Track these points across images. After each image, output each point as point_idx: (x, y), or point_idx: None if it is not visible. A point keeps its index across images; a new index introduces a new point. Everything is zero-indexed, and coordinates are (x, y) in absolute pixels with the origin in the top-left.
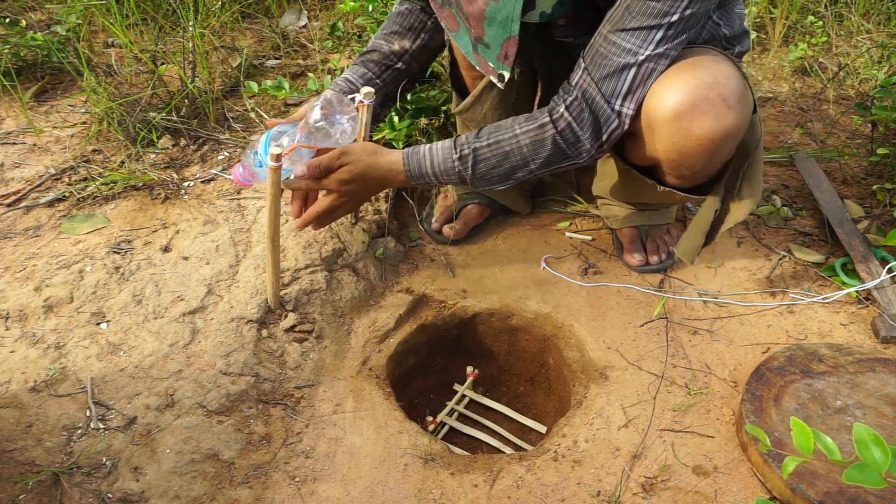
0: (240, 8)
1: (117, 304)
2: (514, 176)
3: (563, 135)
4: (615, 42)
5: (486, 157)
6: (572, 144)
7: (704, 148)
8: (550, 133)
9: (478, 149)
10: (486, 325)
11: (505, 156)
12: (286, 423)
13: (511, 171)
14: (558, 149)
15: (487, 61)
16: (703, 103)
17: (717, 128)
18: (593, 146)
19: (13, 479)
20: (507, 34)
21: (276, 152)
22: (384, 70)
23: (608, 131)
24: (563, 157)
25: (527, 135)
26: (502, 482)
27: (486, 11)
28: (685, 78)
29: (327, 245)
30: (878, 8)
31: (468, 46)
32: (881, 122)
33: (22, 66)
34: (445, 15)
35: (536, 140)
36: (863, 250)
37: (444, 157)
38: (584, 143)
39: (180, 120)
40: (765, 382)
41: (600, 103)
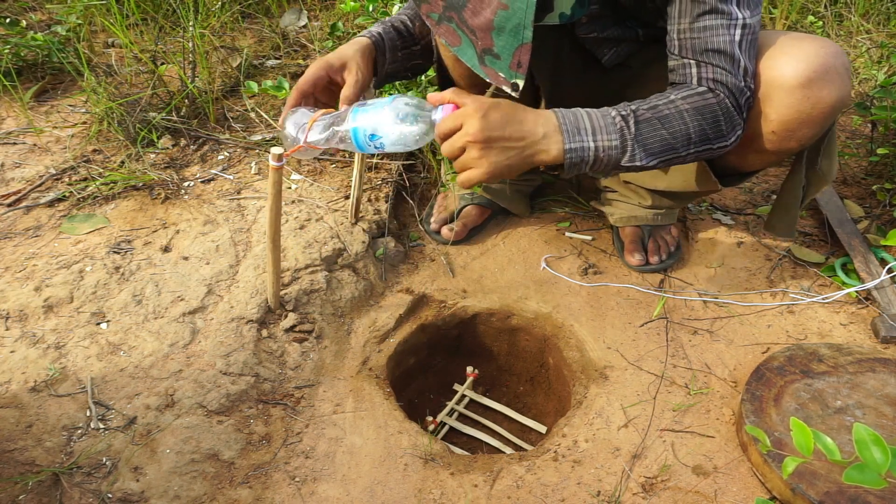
0: (240, 8)
1: (117, 304)
2: (674, 147)
3: (723, 108)
4: (706, 26)
5: (647, 118)
6: (728, 121)
7: (826, 115)
8: (712, 101)
9: (636, 110)
10: (486, 325)
11: (667, 119)
12: (286, 423)
13: (672, 137)
14: (717, 122)
15: (498, 72)
16: (832, 71)
17: (841, 95)
18: (739, 124)
19: (13, 479)
20: (519, 42)
21: (277, 152)
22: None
23: (745, 107)
24: (719, 134)
25: (686, 101)
26: (502, 482)
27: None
28: (807, 47)
29: (327, 245)
30: (877, 8)
31: (473, 59)
32: (881, 122)
33: (22, 66)
34: (444, 31)
35: (698, 107)
36: (863, 250)
37: (603, 115)
38: (737, 122)
39: (180, 120)
40: (765, 382)
41: (736, 83)
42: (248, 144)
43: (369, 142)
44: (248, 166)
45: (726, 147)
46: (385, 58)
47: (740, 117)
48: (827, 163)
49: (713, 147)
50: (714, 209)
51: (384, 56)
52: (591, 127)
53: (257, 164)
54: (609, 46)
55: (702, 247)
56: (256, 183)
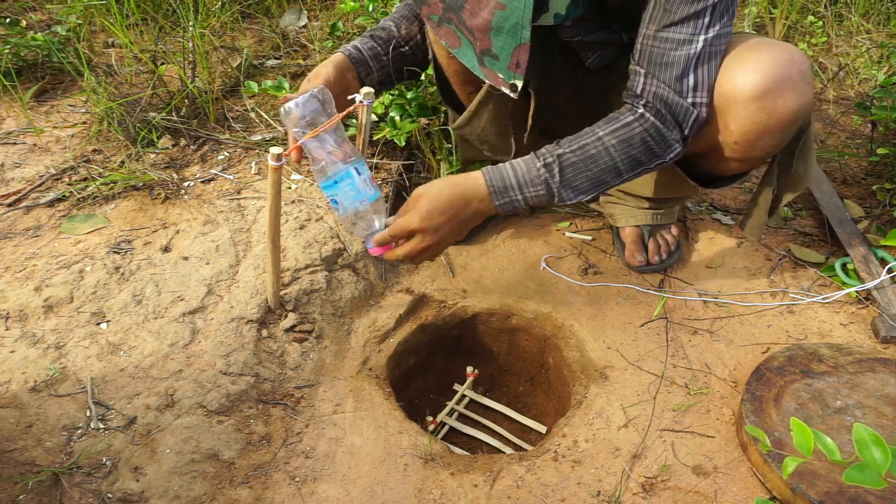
0: (240, 8)
1: (117, 304)
2: (604, 181)
3: (650, 133)
4: (667, 38)
5: (572, 162)
6: (660, 142)
7: (786, 124)
8: (638, 131)
9: (561, 155)
10: (486, 325)
11: (592, 159)
12: (286, 423)
13: (599, 175)
14: (647, 148)
15: (497, 72)
16: (787, 80)
17: (800, 103)
18: (679, 142)
19: (13, 479)
20: (517, 42)
21: (276, 152)
22: (390, 50)
23: (689, 124)
24: (652, 156)
25: (612, 135)
26: (502, 482)
27: (492, 22)
28: (762, 57)
29: (327, 245)
30: (877, 8)
31: (473, 61)
32: (881, 122)
33: (22, 66)
34: (444, 32)
35: (624, 139)
36: (863, 250)
37: (528, 167)
38: (671, 141)
39: (180, 120)
40: (765, 382)
41: (675, 100)
42: (248, 144)
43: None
44: (248, 166)
45: (665, 163)
46: (369, 66)
47: (677, 135)
48: (802, 166)
49: (649, 167)
50: (714, 209)
51: (367, 66)
52: (516, 183)
53: (257, 164)
54: (593, 50)
55: (702, 247)
56: (256, 183)
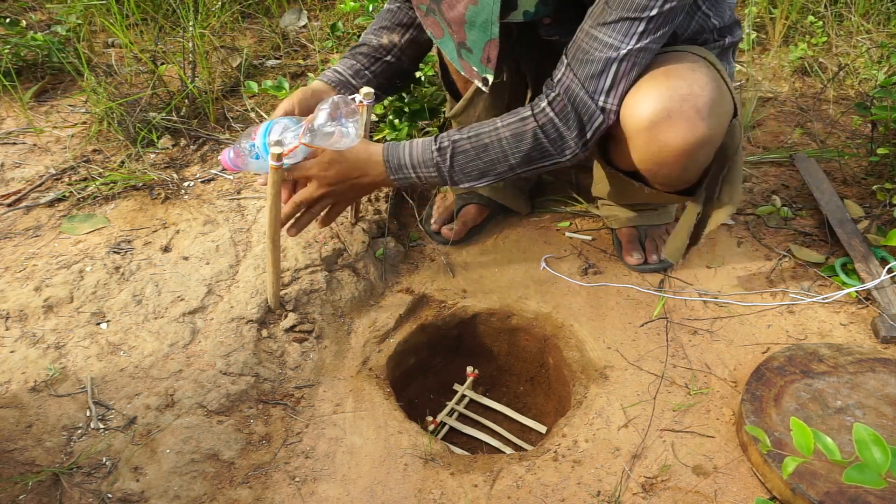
0: (240, 8)
1: (117, 304)
2: (494, 171)
3: (544, 130)
4: (597, 37)
5: (464, 149)
6: (555, 141)
7: (678, 158)
8: (531, 126)
9: (457, 140)
10: (486, 325)
11: (484, 148)
12: (286, 423)
13: (490, 165)
14: (539, 144)
15: (471, 65)
16: (677, 115)
17: (689, 139)
18: (577, 144)
19: (13, 479)
20: (487, 37)
21: (276, 152)
22: (374, 62)
23: (592, 128)
24: (545, 154)
25: (507, 127)
26: (502, 482)
27: (465, 15)
28: (659, 88)
29: (327, 245)
30: (878, 8)
31: (453, 52)
32: (881, 122)
33: (22, 66)
34: (430, 23)
35: (517, 133)
36: (863, 250)
37: (423, 149)
38: (568, 140)
39: (180, 120)
40: (765, 382)
41: (584, 99)
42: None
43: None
44: None
45: (562, 163)
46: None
47: (575, 135)
48: (728, 193)
49: (545, 165)
50: None
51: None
52: (410, 163)
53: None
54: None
55: (702, 247)
56: (256, 183)
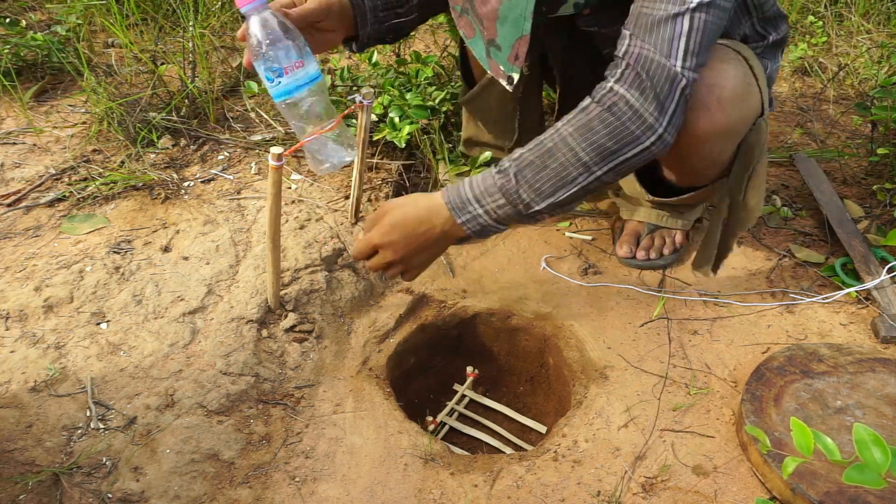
0: None
1: (117, 304)
2: (569, 179)
3: (614, 111)
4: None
5: (529, 161)
6: (629, 123)
7: (699, 147)
8: (596, 112)
9: (518, 156)
10: (486, 325)
11: (548, 153)
12: (286, 423)
13: (561, 172)
14: (612, 131)
15: (499, 64)
16: (697, 103)
17: (708, 128)
18: (659, 120)
19: (13, 479)
20: (518, 33)
21: (276, 152)
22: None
23: (675, 97)
24: (622, 141)
25: (569, 123)
26: (502, 482)
27: (499, 10)
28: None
29: (327, 245)
30: (878, 8)
31: (482, 52)
32: (881, 122)
33: (22, 66)
34: (463, 23)
35: (581, 125)
36: (863, 250)
37: (484, 176)
38: (647, 117)
39: (180, 120)
40: (765, 382)
41: (660, 62)
42: (248, 144)
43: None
44: (248, 166)
45: (647, 149)
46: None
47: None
48: (754, 196)
49: (627, 157)
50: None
51: (364, 17)
52: (473, 196)
53: (257, 164)
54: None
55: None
56: (256, 183)
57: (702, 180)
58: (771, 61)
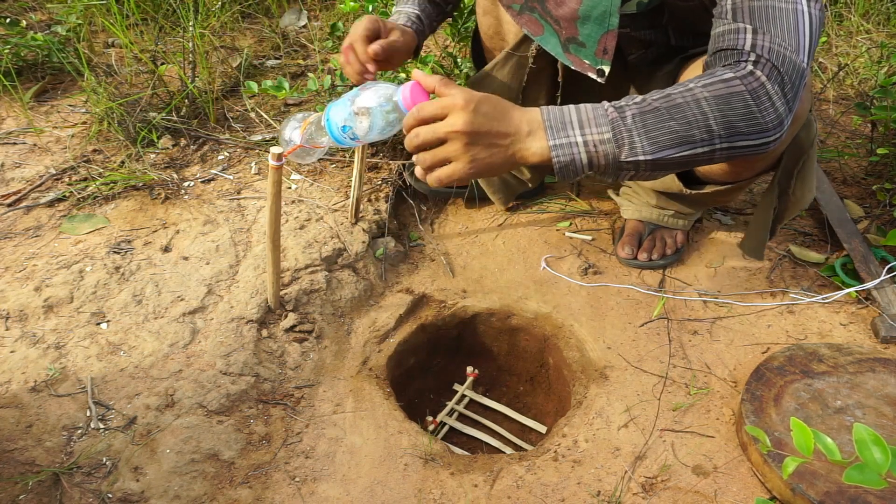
0: (240, 8)
1: (117, 304)
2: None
3: (756, 96)
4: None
5: (653, 107)
6: (765, 111)
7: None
8: (738, 89)
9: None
10: (486, 325)
11: (678, 108)
12: (286, 423)
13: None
14: (748, 112)
15: (583, 59)
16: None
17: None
18: (788, 118)
19: (13, 479)
20: (604, 29)
21: (276, 152)
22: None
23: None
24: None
25: (706, 88)
26: (502, 482)
27: (579, 11)
28: None
29: (327, 245)
30: (877, 8)
31: (557, 48)
32: (881, 122)
33: (22, 66)
34: (526, 20)
35: (720, 95)
36: (863, 250)
37: (594, 106)
38: (781, 112)
39: (180, 120)
40: (765, 382)
41: (794, 61)
42: (248, 144)
43: (343, 134)
44: (248, 166)
45: (767, 142)
46: (424, 34)
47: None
48: (800, 188)
49: (751, 144)
50: (714, 209)
51: (423, 35)
52: (577, 120)
53: (257, 164)
54: (638, 47)
55: (702, 247)
56: (256, 183)
57: (748, 174)
58: None
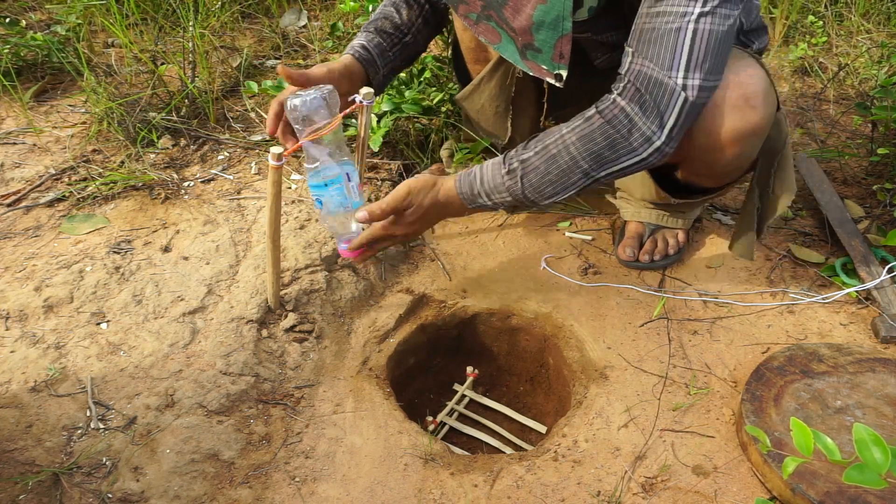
0: (240, 8)
1: (117, 304)
2: (569, 182)
3: (614, 124)
4: (660, 11)
5: (535, 167)
6: (628, 135)
7: (730, 148)
8: (597, 123)
9: (526, 159)
10: (485, 325)
11: (552, 159)
12: (286, 423)
13: (563, 176)
14: (610, 141)
15: (540, 65)
16: (725, 104)
17: (740, 128)
18: (657, 134)
19: (13, 479)
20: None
21: (276, 152)
22: (395, 44)
23: (674, 111)
24: (620, 151)
25: (573, 132)
26: (502, 482)
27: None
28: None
29: (327, 245)
30: (878, 8)
31: (515, 55)
32: (881, 122)
33: (22, 66)
34: (483, 29)
35: (583, 135)
36: (863, 250)
37: (493, 174)
38: (645, 131)
39: (180, 120)
40: (765, 382)
41: (659, 79)
42: (248, 144)
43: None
44: (248, 166)
45: (645, 160)
46: (377, 65)
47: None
48: (780, 185)
49: (624, 165)
50: (714, 209)
51: (375, 65)
52: (484, 191)
53: (257, 164)
54: (603, 51)
55: (702, 247)
56: (256, 183)
57: (726, 179)
58: None
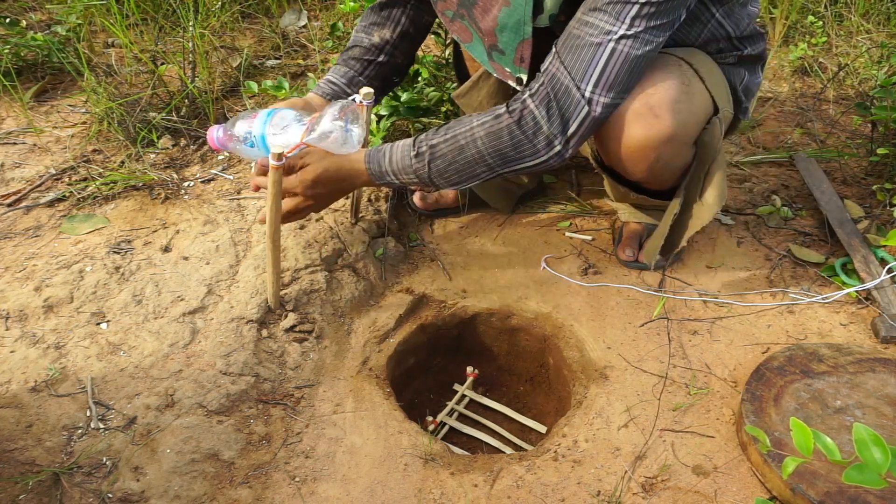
0: (240, 8)
1: (117, 304)
2: (474, 173)
3: (521, 125)
4: (587, 21)
5: (442, 153)
6: (532, 138)
7: (639, 154)
8: (505, 123)
9: (435, 145)
10: (485, 324)
11: (460, 150)
12: (286, 423)
13: (468, 167)
14: (515, 142)
15: (504, 67)
16: (628, 113)
17: (647, 135)
18: (557, 140)
19: (13, 479)
20: (520, 38)
21: (278, 152)
22: (367, 66)
23: (576, 122)
24: (522, 153)
25: (482, 126)
26: (502, 482)
27: (498, 19)
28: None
29: (327, 245)
30: (878, 8)
31: (483, 56)
32: (881, 122)
33: (22, 66)
34: (457, 28)
35: (491, 132)
36: (863, 250)
37: (403, 155)
38: (548, 137)
39: (180, 120)
40: (765, 382)
41: (569, 89)
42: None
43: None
44: (248, 166)
45: (545, 162)
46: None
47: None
48: (712, 192)
49: (526, 165)
50: None
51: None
52: (391, 170)
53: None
54: None
55: (702, 247)
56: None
57: (666, 183)
58: (749, 73)
